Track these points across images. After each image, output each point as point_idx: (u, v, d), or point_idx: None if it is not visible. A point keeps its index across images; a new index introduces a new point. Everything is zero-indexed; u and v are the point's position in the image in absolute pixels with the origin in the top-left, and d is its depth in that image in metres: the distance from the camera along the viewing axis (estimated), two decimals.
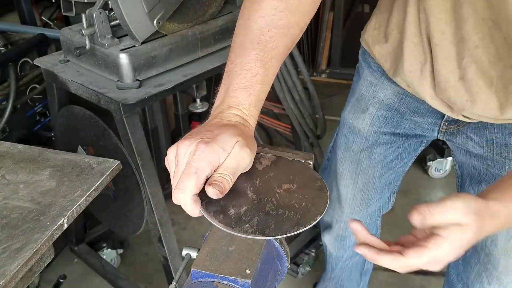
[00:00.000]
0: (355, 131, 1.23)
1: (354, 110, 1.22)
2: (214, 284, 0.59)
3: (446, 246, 0.66)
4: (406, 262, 0.66)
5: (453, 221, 0.67)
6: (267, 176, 0.69)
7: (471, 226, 0.66)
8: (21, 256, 0.76)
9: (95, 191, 0.91)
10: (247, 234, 0.60)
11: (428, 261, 0.66)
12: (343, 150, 1.29)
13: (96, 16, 1.28)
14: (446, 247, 0.66)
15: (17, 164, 0.98)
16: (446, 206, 0.67)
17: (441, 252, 0.66)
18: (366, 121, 1.19)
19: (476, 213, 0.67)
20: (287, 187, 0.66)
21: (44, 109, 1.88)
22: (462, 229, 0.66)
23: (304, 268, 2.01)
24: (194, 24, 1.43)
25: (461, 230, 0.66)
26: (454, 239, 0.66)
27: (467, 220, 0.66)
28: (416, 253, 0.66)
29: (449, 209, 0.67)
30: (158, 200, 1.45)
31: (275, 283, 0.69)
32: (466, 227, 0.66)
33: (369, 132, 1.20)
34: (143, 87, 1.32)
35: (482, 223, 0.67)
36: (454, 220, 0.67)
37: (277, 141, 2.85)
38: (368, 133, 1.21)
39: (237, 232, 0.60)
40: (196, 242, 2.20)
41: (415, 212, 0.68)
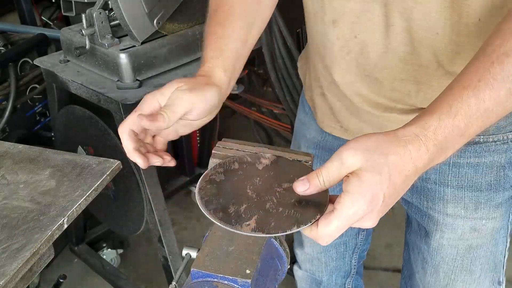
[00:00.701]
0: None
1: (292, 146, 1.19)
2: (214, 284, 0.59)
3: (351, 201, 0.58)
4: (319, 233, 0.60)
5: (343, 170, 0.59)
6: (267, 175, 0.69)
7: (365, 167, 0.58)
8: (21, 256, 0.76)
9: (95, 191, 0.91)
10: (246, 232, 0.60)
11: (342, 224, 0.59)
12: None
13: (96, 16, 1.28)
14: (350, 202, 0.58)
15: (17, 164, 0.98)
16: (332, 159, 0.60)
17: (350, 210, 0.58)
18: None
19: (366, 149, 0.59)
20: (287, 186, 0.66)
21: (44, 109, 1.88)
22: (358, 176, 0.58)
23: None
24: (194, 24, 1.43)
25: (358, 177, 0.58)
26: (356, 191, 0.58)
27: (354, 162, 0.59)
28: (325, 221, 0.60)
29: (334, 160, 0.60)
30: (158, 200, 1.45)
31: (275, 283, 0.69)
32: (360, 171, 0.58)
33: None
34: (143, 87, 1.32)
35: (380, 158, 0.58)
36: (343, 169, 0.59)
37: (277, 141, 2.86)
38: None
39: (236, 230, 0.60)
40: (196, 242, 2.20)
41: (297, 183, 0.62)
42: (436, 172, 0.90)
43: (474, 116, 0.60)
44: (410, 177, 0.61)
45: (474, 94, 0.60)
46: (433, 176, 0.91)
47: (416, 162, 0.60)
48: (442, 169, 0.90)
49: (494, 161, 0.87)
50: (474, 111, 0.60)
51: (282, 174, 0.69)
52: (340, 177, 0.60)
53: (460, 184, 0.90)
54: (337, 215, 0.59)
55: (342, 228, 0.59)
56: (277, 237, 0.68)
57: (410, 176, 0.60)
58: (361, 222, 0.61)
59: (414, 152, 0.59)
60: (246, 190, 0.66)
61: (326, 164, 0.60)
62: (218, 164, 0.71)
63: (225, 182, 0.67)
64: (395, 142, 0.60)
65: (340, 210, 0.58)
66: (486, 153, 0.86)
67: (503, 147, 0.86)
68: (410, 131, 0.60)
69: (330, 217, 0.59)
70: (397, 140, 0.60)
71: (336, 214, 0.59)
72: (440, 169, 0.90)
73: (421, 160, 0.60)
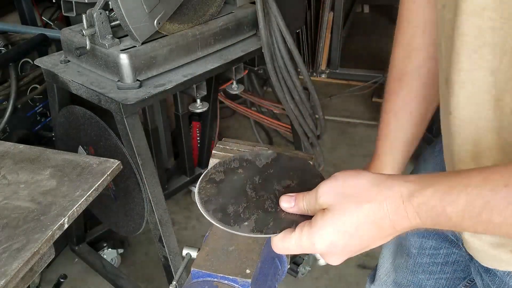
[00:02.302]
0: None
1: None
2: (214, 284, 0.59)
3: (308, 235, 0.58)
4: (276, 243, 0.61)
5: (317, 206, 0.59)
6: (267, 173, 0.69)
7: (333, 208, 0.57)
8: (21, 256, 0.76)
9: (96, 191, 0.91)
10: (244, 233, 0.60)
11: (293, 248, 0.59)
12: None
13: (97, 17, 1.28)
14: (307, 235, 0.58)
15: (18, 164, 0.98)
16: (312, 191, 0.60)
17: (304, 242, 0.58)
18: None
19: (340, 193, 0.57)
20: (287, 184, 0.66)
21: (44, 109, 1.88)
22: (323, 214, 0.57)
23: (304, 268, 2.02)
24: (194, 24, 1.43)
25: (322, 216, 0.57)
26: (316, 229, 0.57)
27: (326, 201, 0.58)
28: (284, 235, 0.60)
29: (312, 193, 0.60)
30: (158, 200, 1.45)
31: (275, 283, 0.69)
32: (328, 211, 0.57)
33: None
34: (144, 87, 1.33)
35: (350, 206, 0.56)
36: (317, 204, 0.59)
37: (277, 141, 2.86)
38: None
39: (235, 231, 0.60)
40: (196, 242, 2.21)
41: (284, 198, 0.63)
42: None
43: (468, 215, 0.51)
44: (386, 237, 0.58)
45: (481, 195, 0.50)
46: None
47: (395, 224, 0.56)
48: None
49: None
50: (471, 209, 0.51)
51: (282, 171, 0.70)
52: (316, 209, 0.60)
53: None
54: (296, 238, 0.59)
55: (292, 251, 0.60)
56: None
57: (385, 236, 0.58)
58: (323, 256, 0.61)
59: (393, 215, 0.55)
60: (245, 189, 0.66)
61: (308, 193, 0.61)
62: (218, 163, 0.71)
63: (225, 182, 0.67)
64: (377, 194, 0.56)
65: (299, 235, 0.59)
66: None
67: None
68: (397, 188, 0.55)
69: (291, 235, 0.60)
70: (378, 193, 0.56)
71: (296, 236, 0.59)
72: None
73: (400, 225, 0.56)
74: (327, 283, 2.03)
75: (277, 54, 1.59)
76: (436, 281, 0.95)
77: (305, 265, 2.01)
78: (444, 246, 0.91)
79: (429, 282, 0.96)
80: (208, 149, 2.36)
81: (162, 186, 1.51)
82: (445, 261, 0.93)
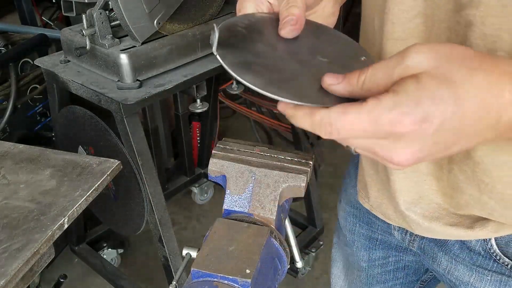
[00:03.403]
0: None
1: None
2: (214, 284, 0.59)
3: (392, 102, 0.41)
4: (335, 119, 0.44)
5: (399, 70, 0.42)
6: (308, 43, 0.57)
7: (432, 71, 0.41)
8: (21, 255, 0.76)
9: (96, 191, 0.91)
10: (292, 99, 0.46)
11: (362, 122, 0.42)
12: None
13: (97, 17, 1.28)
14: (392, 102, 0.41)
15: (18, 164, 0.98)
16: (390, 57, 0.44)
17: (385, 112, 0.41)
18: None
19: (445, 55, 0.42)
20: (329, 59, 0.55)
21: (44, 109, 1.88)
22: (417, 77, 0.41)
23: (304, 268, 2.02)
24: (194, 24, 1.43)
25: (416, 79, 0.41)
26: (405, 94, 0.41)
27: (419, 63, 0.41)
28: (347, 106, 0.43)
29: (392, 58, 0.43)
30: (158, 200, 1.45)
31: (275, 283, 0.69)
32: (422, 74, 0.41)
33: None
34: (144, 87, 1.33)
35: (459, 70, 0.41)
36: (400, 68, 0.42)
37: (277, 141, 2.86)
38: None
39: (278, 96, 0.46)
40: (196, 242, 2.21)
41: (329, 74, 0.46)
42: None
43: None
44: (484, 130, 0.42)
45: None
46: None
47: (503, 109, 0.41)
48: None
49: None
50: None
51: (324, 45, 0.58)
52: (391, 80, 0.43)
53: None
54: (364, 109, 0.42)
55: (358, 130, 0.43)
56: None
57: (484, 128, 0.42)
58: (389, 149, 0.43)
59: (508, 94, 0.41)
60: (286, 56, 0.54)
61: (380, 62, 0.44)
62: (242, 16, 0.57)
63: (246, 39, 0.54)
64: (493, 63, 0.42)
65: (373, 105, 0.42)
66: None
67: None
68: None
69: (352, 106, 0.42)
70: (495, 63, 0.42)
71: (363, 107, 0.42)
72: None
73: (510, 113, 0.41)
74: (327, 283, 2.03)
75: None
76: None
77: (305, 265, 2.02)
78: (392, 254, 0.90)
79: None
80: (208, 149, 2.36)
81: (162, 186, 1.51)
82: (396, 268, 0.91)
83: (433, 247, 0.76)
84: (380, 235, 0.88)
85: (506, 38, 0.50)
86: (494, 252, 0.68)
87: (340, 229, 0.97)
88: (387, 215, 0.78)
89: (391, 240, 0.86)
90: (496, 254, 0.67)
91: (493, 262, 0.68)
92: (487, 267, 0.69)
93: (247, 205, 0.68)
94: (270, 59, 0.52)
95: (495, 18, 0.50)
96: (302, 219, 2.14)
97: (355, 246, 0.93)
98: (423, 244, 0.78)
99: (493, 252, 0.68)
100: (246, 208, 0.68)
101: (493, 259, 0.68)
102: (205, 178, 2.39)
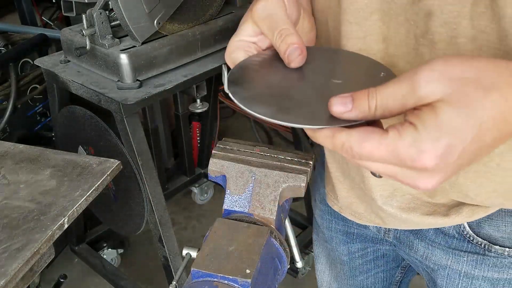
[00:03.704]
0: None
1: None
2: (214, 284, 0.59)
3: (411, 137, 0.41)
4: (353, 143, 0.44)
5: (411, 100, 0.42)
6: (319, 68, 0.58)
7: (448, 99, 0.40)
8: (21, 255, 0.76)
9: (96, 191, 0.91)
10: (301, 124, 0.48)
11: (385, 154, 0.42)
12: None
13: (97, 17, 1.28)
14: (411, 138, 0.41)
15: (18, 164, 0.98)
16: (399, 80, 0.43)
17: (405, 146, 0.41)
18: None
19: (457, 77, 0.41)
20: (343, 79, 0.55)
21: (44, 109, 1.88)
22: (434, 108, 0.40)
23: (304, 268, 2.02)
24: (194, 24, 1.43)
25: (434, 110, 0.40)
26: (423, 123, 0.40)
27: (434, 91, 0.40)
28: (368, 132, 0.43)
29: (402, 82, 0.43)
30: (158, 200, 1.45)
31: (275, 283, 0.69)
32: (439, 103, 0.40)
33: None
34: (144, 87, 1.33)
35: (475, 92, 0.40)
36: (412, 98, 0.41)
37: (277, 141, 2.86)
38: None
39: (287, 122, 0.47)
40: (196, 242, 2.21)
41: (336, 99, 0.45)
42: (443, 278, 0.76)
43: None
44: (502, 139, 0.43)
45: None
46: (439, 281, 0.78)
47: None
48: (451, 276, 0.75)
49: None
50: None
51: (337, 67, 0.59)
52: (404, 109, 0.43)
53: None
54: (385, 140, 0.42)
55: (377, 158, 0.43)
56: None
57: (503, 137, 0.42)
58: (413, 178, 0.44)
59: None
60: (281, 82, 0.55)
61: (388, 84, 0.43)
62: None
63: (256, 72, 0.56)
64: (503, 74, 0.41)
65: (393, 138, 0.42)
66: (510, 269, 0.70)
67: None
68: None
69: (373, 134, 0.42)
70: (505, 74, 0.41)
71: (383, 138, 0.42)
72: (448, 276, 0.75)
73: None
74: None
75: None
76: (375, 277, 0.97)
77: (305, 265, 2.02)
78: (370, 246, 0.92)
79: (369, 280, 0.98)
80: (208, 149, 2.36)
81: (162, 186, 1.51)
82: (375, 257, 0.94)
83: (408, 236, 0.77)
84: (356, 229, 0.89)
85: (464, 24, 0.51)
86: (467, 233, 0.70)
87: (318, 226, 0.99)
88: (357, 215, 0.78)
89: (367, 233, 0.88)
90: (470, 235, 0.70)
91: (467, 243, 0.70)
92: (462, 248, 0.71)
93: (247, 205, 0.68)
94: (281, 88, 0.53)
95: (452, 5, 0.52)
96: (302, 219, 2.14)
97: (334, 242, 0.95)
98: (398, 234, 0.79)
99: (466, 234, 0.70)
100: (246, 208, 0.68)
101: (467, 240, 0.70)
102: (205, 178, 2.39)
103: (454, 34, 0.53)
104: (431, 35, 0.54)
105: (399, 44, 0.58)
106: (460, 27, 0.52)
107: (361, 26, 0.59)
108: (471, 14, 0.51)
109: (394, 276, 0.99)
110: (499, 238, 0.68)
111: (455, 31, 0.52)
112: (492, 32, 0.50)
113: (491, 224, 0.67)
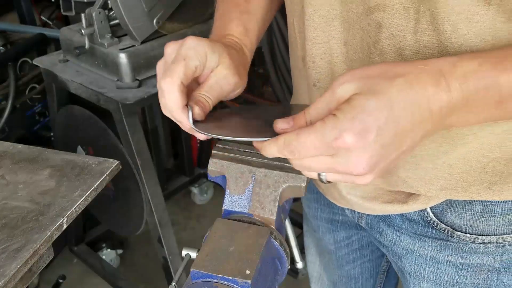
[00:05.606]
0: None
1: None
2: (214, 285, 0.58)
3: (332, 123, 0.47)
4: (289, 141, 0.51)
5: (333, 102, 0.50)
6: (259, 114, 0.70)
7: (359, 91, 0.48)
8: (20, 256, 0.75)
9: (95, 191, 0.91)
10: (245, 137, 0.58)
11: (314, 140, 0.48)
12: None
13: (96, 16, 1.28)
14: (332, 123, 0.47)
15: (16, 164, 0.98)
16: (324, 93, 0.51)
17: (328, 130, 0.47)
18: None
19: (366, 76, 0.49)
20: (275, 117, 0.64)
21: (43, 109, 1.88)
22: (349, 101, 0.48)
23: (305, 268, 2.01)
24: (194, 23, 1.43)
25: (348, 102, 0.48)
26: (342, 115, 0.47)
27: (347, 90, 0.49)
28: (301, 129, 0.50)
29: (325, 94, 0.51)
30: (157, 200, 1.45)
31: (275, 283, 0.69)
32: (352, 96, 0.48)
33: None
34: (143, 87, 1.32)
35: (381, 82, 0.48)
36: (333, 101, 0.49)
37: None
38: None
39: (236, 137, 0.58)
40: (196, 242, 2.20)
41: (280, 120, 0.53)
42: (411, 263, 0.78)
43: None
44: (421, 123, 0.49)
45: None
46: (407, 266, 0.79)
47: (432, 101, 0.48)
48: (418, 261, 0.77)
49: (483, 264, 0.72)
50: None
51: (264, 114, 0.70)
52: (331, 110, 0.50)
53: (439, 280, 0.77)
54: (312, 128, 0.48)
55: (310, 147, 0.49)
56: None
57: (421, 121, 0.48)
58: (345, 163, 0.49)
59: (430, 87, 0.48)
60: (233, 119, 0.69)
61: (316, 100, 0.52)
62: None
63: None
64: (407, 66, 0.49)
65: (319, 125, 0.48)
66: (472, 254, 0.72)
67: (497, 250, 0.71)
68: (434, 63, 0.49)
69: (304, 128, 0.50)
70: (411, 65, 0.49)
71: (312, 127, 0.49)
72: (416, 260, 0.78)
73: (438, 101, 0.48)
74: None
75: (277, 53, 1.58)
76: (362, 266, 0.99)
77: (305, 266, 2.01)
78: (354, 233, 0.94)
79: (356, 270, 0.99)
80: (208, 149, 2.35)
81: (162, 187, 1.51)
82: (361, 246, 0.96)
83: (378, 222, 0.80)
84: (340, 216, 0.92)
85: (409, 38, 0.57)
86: (431, 219, 0.73)
87: (306, 215, 1.02)
88: (335, 198, 0.83)
89: (350, 220, 0.90)
90: (434, 221, 0.73)
91: (432, 229, 0.73)
92: (427, 234, 0.74)
93: (247, 205, 0.68)
94: (233, 122, 0.67)
95: (399, 20, 0.57)
96: (302, 219, 2.13)
97: (321, 231, 0.97)
98: (369, 220, 0.82)
99: (430, 220, 0.73)
100: (246, 208, 0.68)
101: (432, 226, 0.73)
102: (205, 178, 2.39)
103: (401, 46, 0.58)
104: (381, 46, 0.60)
105: (357, 50, 0.63)
106: (405, 41, 0.57)
107: (324, 32, 0.65)
108: (414, 29, 0.56)
109: (380, 266, 1.00)
110: (461, 225, 0.71)
111: (401, 44, 0.58)
112: (433, 46, 0.56)
113: (453, 212, 0.71)
